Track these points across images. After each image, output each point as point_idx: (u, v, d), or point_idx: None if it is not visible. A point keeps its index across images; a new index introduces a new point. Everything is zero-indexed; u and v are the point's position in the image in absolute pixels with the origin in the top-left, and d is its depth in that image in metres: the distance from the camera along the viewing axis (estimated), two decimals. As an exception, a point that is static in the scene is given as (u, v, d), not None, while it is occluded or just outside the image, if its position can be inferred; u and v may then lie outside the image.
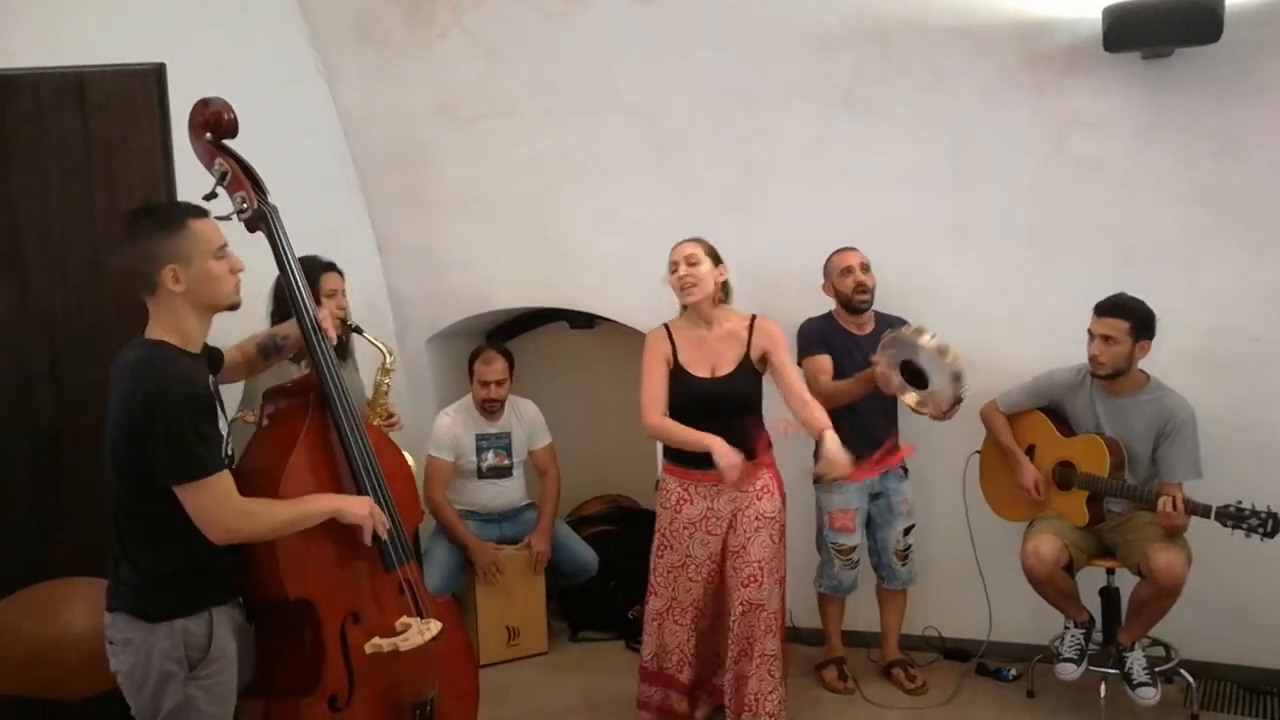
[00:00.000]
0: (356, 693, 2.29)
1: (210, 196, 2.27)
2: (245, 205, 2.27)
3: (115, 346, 2.13)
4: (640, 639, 3.39)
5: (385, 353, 3.21)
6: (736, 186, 3.92)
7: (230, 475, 2.08)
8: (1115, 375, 3.26)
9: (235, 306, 2.17)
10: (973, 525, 3.70)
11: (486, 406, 4.12)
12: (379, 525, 2.30)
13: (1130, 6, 3.20)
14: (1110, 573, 3.41)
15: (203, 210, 2.15)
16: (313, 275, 2.87)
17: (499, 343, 4.30)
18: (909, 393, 3.36)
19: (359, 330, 3.18)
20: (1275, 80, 3.31)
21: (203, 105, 2.26)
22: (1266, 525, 2.97)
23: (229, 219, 2.26)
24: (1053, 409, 3.47)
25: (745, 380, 3.18)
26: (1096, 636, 3.42)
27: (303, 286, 2.34)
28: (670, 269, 3.20)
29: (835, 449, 2.92)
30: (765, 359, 3.19)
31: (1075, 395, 3.40)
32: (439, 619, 2.44)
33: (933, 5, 3.56)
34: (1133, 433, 3.28)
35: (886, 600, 3.77)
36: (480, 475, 4.15)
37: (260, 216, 2.29)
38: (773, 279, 3.65)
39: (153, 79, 2.71)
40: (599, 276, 4.21)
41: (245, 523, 2.07)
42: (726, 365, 3.18)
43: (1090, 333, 3.28)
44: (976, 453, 3.67)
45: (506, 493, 4.21)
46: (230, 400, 2.95)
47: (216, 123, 2.26)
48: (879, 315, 3.65)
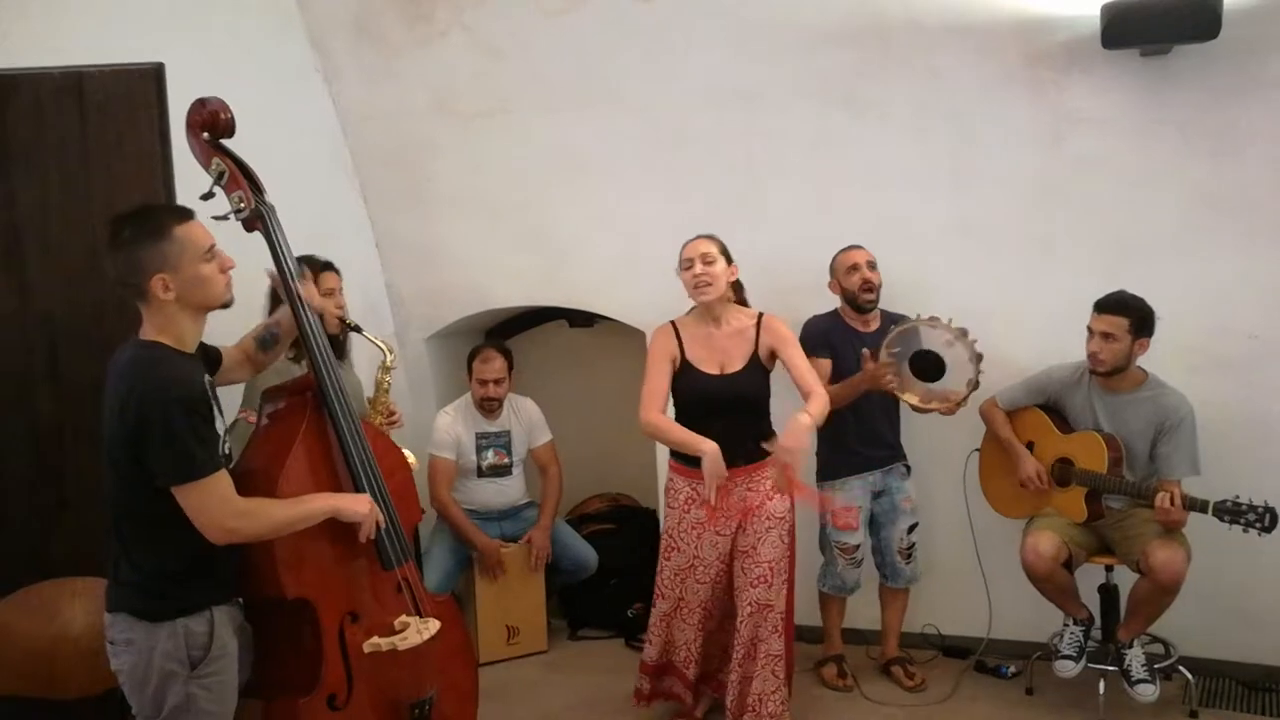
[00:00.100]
0: (355, 692, 2.29)
1: (208, 196, 2.27)
2: (242, 205, 2.26)
3: (115, 344, 2.13)
4: (640, 637, 3.38)
5: (385, 351, 3.20)
6: (736, 185, 3.92)
7: (228, 475, 2.08)
8: (1114, 372, 3.27)
9: (228, 305, 2.16)
10: (972, 523, 3.70)
11: (485, 405, 4.12)
12: (378, 523, 2.30)
13: (1129, 4, 3.19)
14: (1109, 569, 3.42)
15: (187, 213, 2.12)
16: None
17: (498, 341, 4.29)
18: (909, 392, 3.36)
19: (358, 329, 3.17)
20: (1274, 77, 3.31)
21: (200, 105, 2.26)
22: (1264, 520, 2.97)
23: (226, 218, 2.26)
24: (1051, 406, 3.47)
25: (754, 378, 3.19)
26: (1095, 633, 3.43)
27: (300, 288, 2.34)
28: (684, 265, 3.19)
29: (791, 434, 2.93)
30: (773, 356, 3.20)
31: (1074, 392, 3.40)
32: (438, 618, 2.44)
33: (932, 3, 3.56)
34: (1131, 430, 3.28)
35: (889, 599, 3.77)
36: (480, 474, 4.15)
37: (257, 216, 2.28)
38: (772, 277, 3.64)
39: (151, 78, 2.72)
40: (598, 275, 4.21)
41: (244, 523, 2.07)
42: (736, 362, 3.19)
43: (1090, 329, 3.28)
44: (976, 450, 3.67)
45: (506, 491, 4.21)
46: (231, 400, 2.96)
47: (213, 122, 2.25)
48: (884, 313, 3.65)
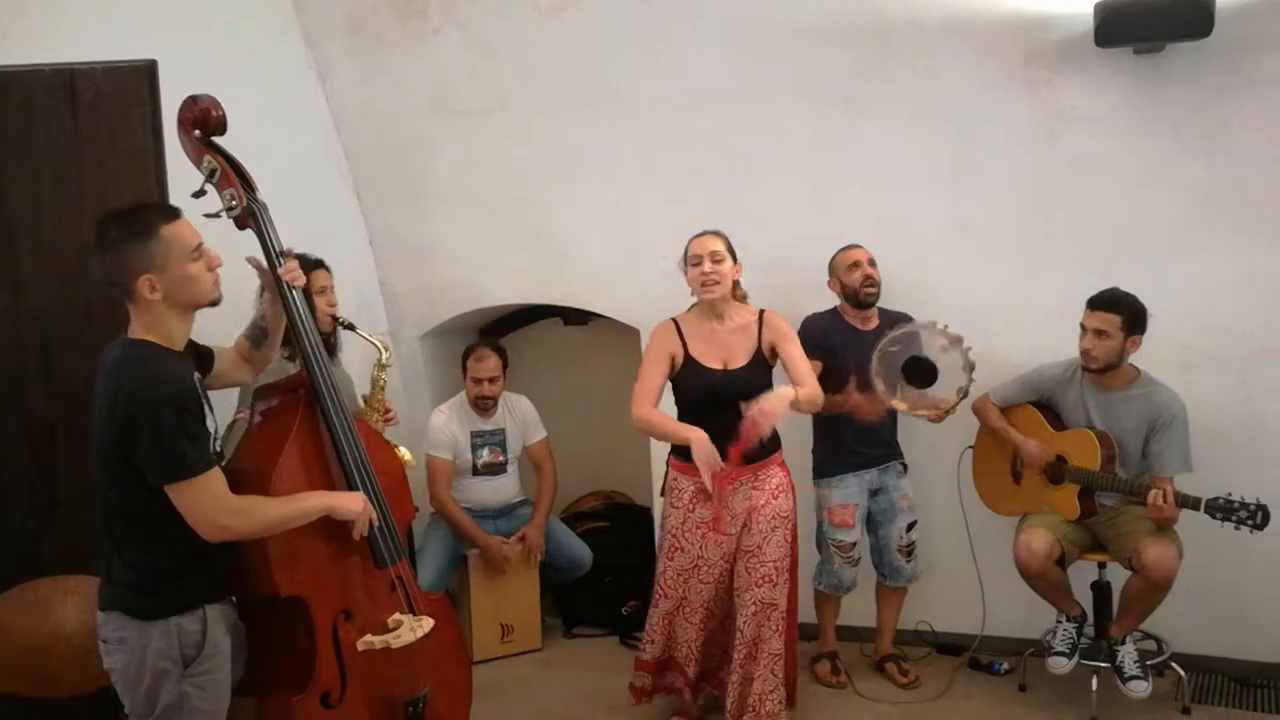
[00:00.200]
0: (349, 690, 2.29)
1: (199, 194, 2.26)
2: (234, 203, 2.26)
3: (107, 342, 2.13)
4: (635, 634, 3.37)
5: (381, 349, 3.19)
6: (736, 184, 3.91)
7: (221, 473, 2.07)
8: (1106, 369, 3.27)
9: (216, 303, 2.15)
10: (967, 520, 3.70)
11: (480, 403, 4.11)
12: (371, 520, 2.30)
13: (1122, 2, 3.20)
14: (1102, 566, 3.42)
15: (174, 211, 2.12)
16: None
17: (492, 339, 4.29)
18: (896, 399, 3.37)
19: (351, 327, 3.16)
20: (1266, 75, 3.32)
21: (191, 102, 2.26)
22: (1256, 517, 2.98)
23: (218, 216, 2.26)
24: (1044, 403, 3.48)
25: (758, 373, 3.20)
26: (1088, 630, 3.44)
27: (294, 289, 2.33)
28: (692, 261, 3.19)
29: (772, 399, 2.94)
30: (775, 352, 3.22)
31: (1066, 389, 3.41)
32: (431, 616, 2.44)
33: (932, 3, 3.56)
34: (1123, 427, 3.29)
35: (885, 597, 3.77)
36: (475, 472, 4.15)
37: (249, 214, 2.28)
38: (771, 277, 3.64)
39: (144, 75, 2.70)
40: (594, 273, 4.20)
41: (237, 520, 2.06)
42: (739, 358, 3.20)
43: (1083, 326, 3.28)
44: (970, 448, 3.68)
45: (501, 489, 4.20)
46: (230, 401, 2.96)
47: (205, 120, 2.25)
48: (882, 311, 3.66)
